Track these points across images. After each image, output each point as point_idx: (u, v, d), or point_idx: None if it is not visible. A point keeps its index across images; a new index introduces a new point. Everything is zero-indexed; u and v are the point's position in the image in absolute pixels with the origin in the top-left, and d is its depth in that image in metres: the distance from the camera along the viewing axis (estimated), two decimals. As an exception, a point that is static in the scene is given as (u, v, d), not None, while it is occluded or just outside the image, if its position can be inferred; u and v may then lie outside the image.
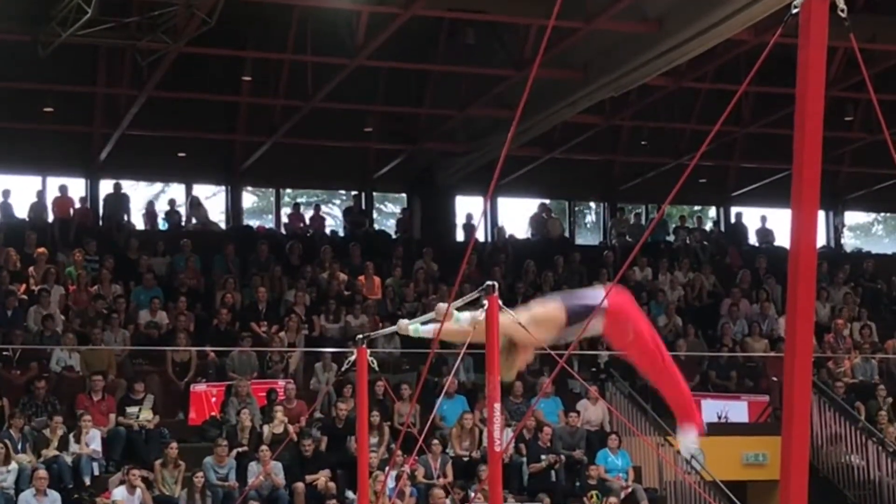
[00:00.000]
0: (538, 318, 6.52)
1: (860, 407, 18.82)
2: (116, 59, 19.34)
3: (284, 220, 23.52)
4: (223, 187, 23.48)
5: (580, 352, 18.65)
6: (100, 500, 14.63)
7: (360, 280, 19.92)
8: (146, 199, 23.37)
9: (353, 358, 8.82)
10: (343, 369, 9.52)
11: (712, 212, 26.84)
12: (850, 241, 27.90)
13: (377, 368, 9.00)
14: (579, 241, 25.37)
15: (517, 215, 24.76)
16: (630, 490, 16.57)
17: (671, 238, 24.32)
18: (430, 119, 21.84)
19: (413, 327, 7.07)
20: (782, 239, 24.43)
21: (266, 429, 15.92)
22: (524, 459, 16.65)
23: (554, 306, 6.59)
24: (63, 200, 21.22)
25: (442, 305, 6.44)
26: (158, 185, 24.62)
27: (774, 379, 19.08)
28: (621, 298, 6.70)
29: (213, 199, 23.72)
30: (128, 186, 22.45)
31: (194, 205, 22.63)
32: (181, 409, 17.18)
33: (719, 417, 18.95)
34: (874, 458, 17.87)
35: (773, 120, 21.48)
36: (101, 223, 21.70)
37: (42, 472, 14.35)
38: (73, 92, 20.56)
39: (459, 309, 6.43)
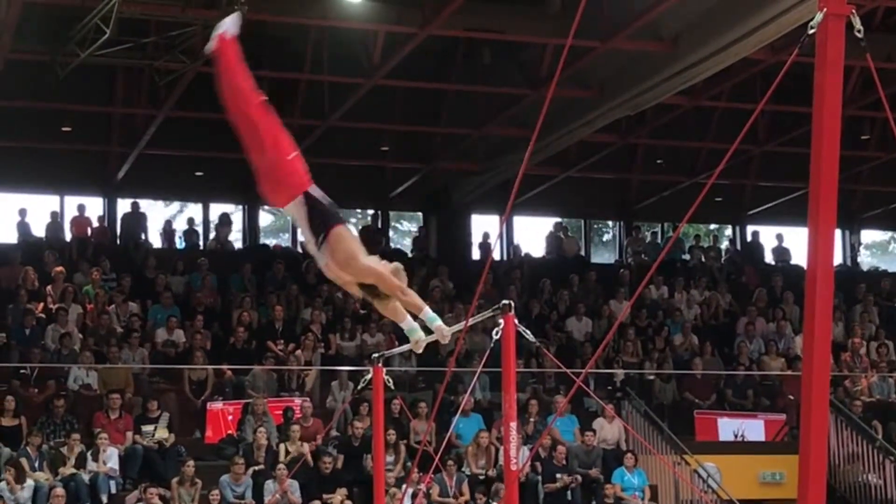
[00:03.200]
0: (351, 250, 6.30)
1: (877, 426, 18.76)
2: (134, 79, 19.42)
3: (300, 238, 23.56)
4: (240, 206, 23.53)
5: (596, 370, 18.65)
6: (117, 519, 14.68)
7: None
8: (164, 218, 23.44)
9: (369, 376, 8.86)
10: (359, 387, 9.55)
11: (728, 230, 26.80)
12: (866, 260, 27.84)
13: (393, 387, 9.02)
14: (595, 259, 25.35)
15: (533, 234, 24.77)
16: (646, 509, 16.54)
17: (687, 257, 24.30)
18: (447, 138, 21.86)
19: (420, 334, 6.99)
20: (799, 257, 24.40)
21: (283, 447, 15.92)
22: (540, 478, 16.63)
23: (335, 232, 6.29)
24: (81, 220, 21.31)
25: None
26: (176, 205, 24.68)
27: (791, 397, 19.03)
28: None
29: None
30: (145, 205, 22.50)
31: (224, 222, 22.66)
32: (198, 427, 17.20)
33: (736, 436, 18.91)
34: (892, 477, 17.80)
35: (790, 138, 21.44)
36: (118, 242, 21.78)
37: (59, 491, 14.39)
38: (90, 112, 20.64)
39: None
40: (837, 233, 22.10)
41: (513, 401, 6.19)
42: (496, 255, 23.47)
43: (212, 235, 22.81)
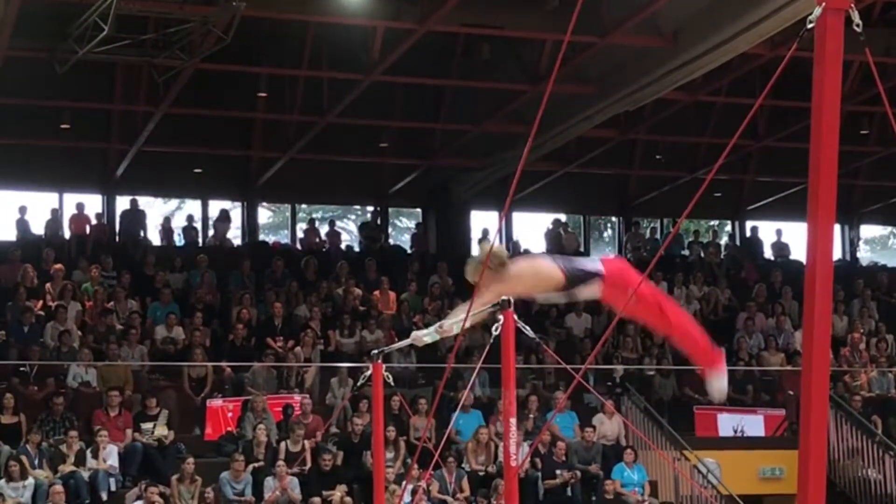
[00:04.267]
0: (538, 270, 6.71)
1: (877, 421, 18.77)
2: (133, 76, 19.42)
3: (300, 235, 23.57)
4: (239, 203, 23.53)
5: (596, 366, 18.66)
6: (117, 516, 14.68)
7: (375, 295, 19.95)
8: (162, 215, 23.44)
9: (368, 373, 8.83)
10: (359, 384, 9.53)
11: (727, 226, 26.80)
12: (865, 255, 27.85)
13: (392, 383, 8.99)
14: (594, 255, 25.35)
15: (532, 230, 24.77)
16: (646, 504, 16.54)
17: (686, 252, 24.30)
18: (446, 134, 21.87)
19: (429, 337, 7.06)
20: (798, 252, 24.41)
21: (283, 445, 15.93)
22: (539, 474, 16.63)
23: (553, 267, 6.70)
24: (79, 218, 21.31)
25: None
26: (175, 202, 24.70)
27: (791, 393, 19.05)
28: (618, 265, 6.89)
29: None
30: (144, 202, 22.52)
31: (222, 218, 22.67)
32: (197, 424, 17.21)
33: (735, 431, 18.92)
34: (891, 472, 17.81)
35: (789, 134, 21.46)
36: (117, 239, 21.79)
37: (59, 488, 14.39)
38: (89, 109, 20.64)
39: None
40: (837, 228, 22.04)
41: (512, 397, 6.17)
42: (496, 252, 23.40)
43: (211, 232, 22.82)
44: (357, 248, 23.26)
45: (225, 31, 15.75)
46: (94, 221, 21.54)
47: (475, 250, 23.56)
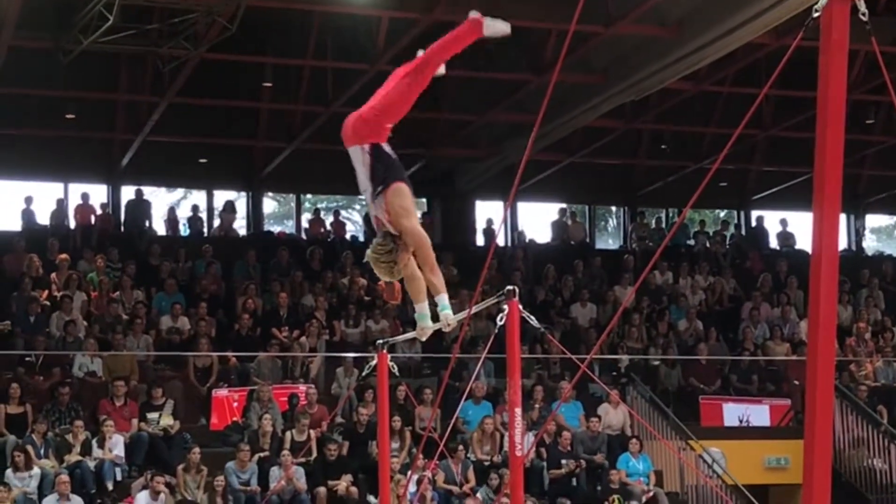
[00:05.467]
0: (407, 207, 6.68)
1: (882, 410, 18.77)
2: (138, 66, 19.41)
3: (305, 225, 23.57)
4: (244, 193, 23.53)
5: (601, 356, 18.66)
6: (122, 505, 14.70)
7: (380, 285, 19.93)
8: (167, 205, 23.46)
9: (373, 363, 8.85)
10: (364, 374, 9.55)
11: (733, 215, 26.77)
12: (871, 244, 27.83)
13: (398, 373, 9.02)
14: (600, 245, 25.36)
15: (537, 219, 24.77)
16: (651, 494, 16.55)
17: (691, 242, 24.30)
18: (450, 124, 21.84)
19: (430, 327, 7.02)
20: (803, 242, 24.39)
21: (288, 434, 15.95)
22: (544, 464, 16.65)
23: (397, 187, 6.69)
24: (84, 208, 21.31)
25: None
26: (180, 192, 24.70)
27: (796, 382, 19.05)
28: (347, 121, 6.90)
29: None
30: (149, 193, 22.53)
31: (228, 209, 22.68)
32: (203, 414, 17.23)
33: (741, 421, 18.92)
34: (897, 461, 17.82)
35: (794, 123, 21.44)
36: (122, 229, 21.80)
37: (65, 478, 14.40)
38: (94, 99, 20.64)
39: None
40: (842, 217, 22.16)
41: (517, 387, 6.18)
42: (500, 241, 23.45)
43: (216, 222, 22.82)
44: (362, 238, 23.25)
45: (230, 20, 15.75)
46: (99, 211, 21.55)
47: (480, 240, 23.56)
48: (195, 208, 22.81)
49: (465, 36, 6.56)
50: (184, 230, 22.39)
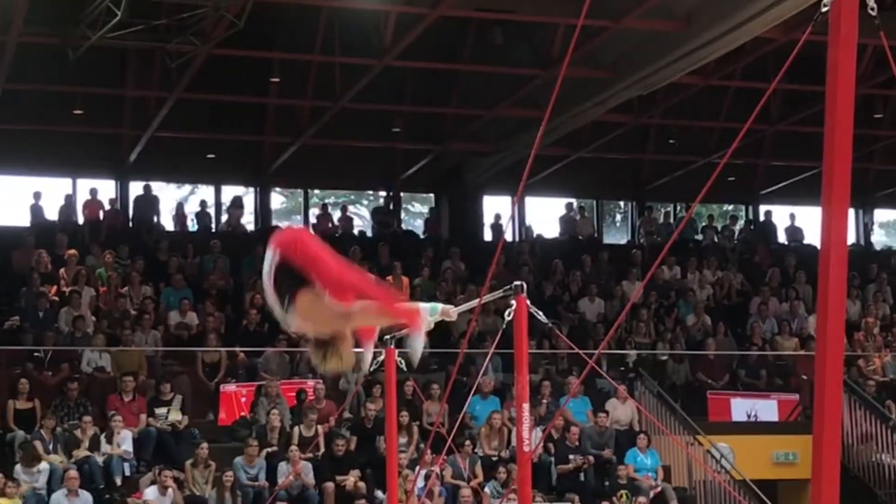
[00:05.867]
0: (313, 313, 5.56)
1: (891, 405, 18.75)
2: (146, 62, 19.41)
3: (313, 220, 23.57)
4: (252, 188, 23.55)
5: (609, 351, 18.65)
6: (131, 501, 14.69)
7: (388, 280, 19.94)
8: (176, 200, 23.47)
9: (381, 358, 8.84)
10: (372, 369, 9.54)
11: (741, 210, 26.75)
12: (879, 239, 27.78)
13: (405, 368, 9.01)
14: (607, 240, 25.33)
15: (544, 214, 24.75)
16: (659, 489, 16.54)
17: (699, 237, 24.27)
18: (458, 119, 21.84)
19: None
20: (812, 237, 24.35)
21: (296, 429, 15.95)
22: (552, 459, 16.64)
23: (301, 301, 5.56)
24: (93, 203, 21.34)
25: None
26: (188, 187, 24.72)
27: (804, 377, 19.02)
28: (289, 234, 5.74)
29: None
30: (157, 188, 22.54)
31: (236, 204, 22.69)
32: (211, 409, 17.25)
33: (749, 416, 18.92)
34: (905, 456, 17.81)
35: (802, 118, 21.39)
36: (130, 225, 21.82)
37: (73, 473, 14.43)
38: (102, 94, 20.65)
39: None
40: (851, 212, 22.06)
41: (525, 382, 6.18)
42: (508, 236, 23.44)
43: (224, 218, 22.83)
44: (370, 234, 23.26)
45: (237, 16, 15.75)
46: (107, 207, 21.57)
47: (488, 235, 23.55)
48: (203, 203, 22.82)
49: (397, 316, 5.95)
50: (192, 225, 22.41)
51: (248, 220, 23.24)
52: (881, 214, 28.04)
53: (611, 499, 16.17)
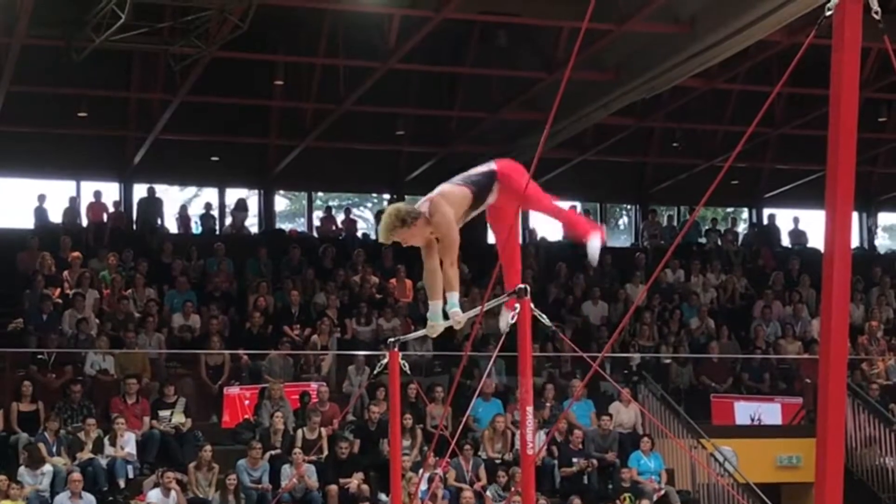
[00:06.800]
0: (452, 199, 6.93)
1: (894, 409, 18.73)
2: (150, 64, 19.44)
3: (316, 223, 23.58)
4: (256, 191, 23.56)
5: (612, 354, 18.64)
6: (134, 503, 14.72)
7: (391, 283, 19.95)
8: (179, 203, 23.48)
9: (385, 361, 8.84)
10: (375, 372, 9.55)
11: (744, 213, 26.75)
12: (883, 243, 27.77)
13: (409, 371, 9.02)
14: (611, 243, 25.31)
15: (549, 218, 24.70)
16: (663, 492, 16.54)
17: (703, 240, 24.27)
18: (462, 122, 21.84)
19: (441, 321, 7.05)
20: (815, 240, 24.34)
21: (300, 432, 15.96)
22: (556, 462, 16.64)
23: (461, 188, 7.01)
24: (97, 206, 21.36)
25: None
26: (191, 189, 24.73)
27: (808, 381, 19.01)
28: (507, 162, 7.21)
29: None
30: (161, 190, 22.56)
31: (239, 207, 22.71)
32: (215, 412, 17.26)
33: (752, 419, 18.91)
34: (909, 460, 17.79)
35: (806, 121, 21.39)
36: (134, 227, 21.84)
37: (77, 475, 14.44)
38: (106, 97, 20.67)
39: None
40: (854, 215, 22.09)
41: (529, 385, 6.17)
42: (512, 239, 23.38)
43: (228, 220, 22.84)
44: (374, 236, 23.26)
45: (241, 18, 15.76)
46: (111, 209, 21.59)
47: (491, 238, 23.55)
48: (207, 206, 22.84)
49: (584, 226, 7.37)
50: (196, 228, 22.42)
51: (251, 223, 23.26)
52: (885, 218, 28.03)
53: (614, 502, 16.17)
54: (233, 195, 23.22)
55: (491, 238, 23.51)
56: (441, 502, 15.39)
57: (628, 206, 26.66)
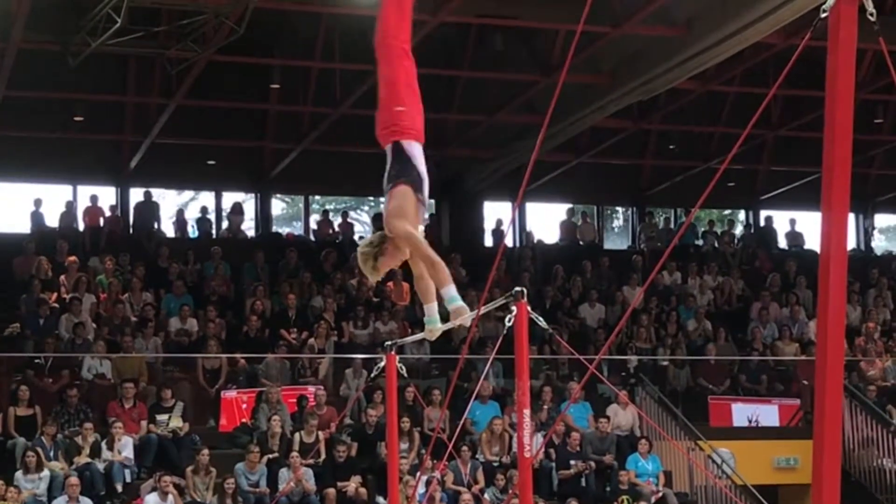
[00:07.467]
0: (393, 211, 6.54)
1: (892, 410, 18.75)
2: (146, 68, 19.44)
3: (313, 226, 23.58)
4: (252, 195, 23.55)
5: (609, 357, 18.65)
6: (132, 507, 14.73)
7: (388, 286, 19.95)
8: (176, 206, 23.48)
9: (382, 364, 8.84)
10: (373, 375, 9.54)
11: (741, 215, 26.77)
12: (880, 244, 27.79)
13: (406, 374, 9.01)
14: (608, 245, 25.33)
15: (545, 220, 24.75)
16: (661, 495, 16.53)
17: (700, 242, 24.28)
18: (459, 125, 21.85)
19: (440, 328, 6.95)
20: (812, 242, 24.36)
21: (297, 436, 15.96)
22: (553, 464, 16.64)
23: (404, 189, 6.65)
24: (93, 210, 21.35)
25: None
26: (188, 193, 24.72)
27: (805, 382, 19.01)
28: (379, 125, 7.32)
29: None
30: (158, 194, 22.54)
31: (235, 211, 22.71)
32: (212, 415, 17.25)
33: (750, 421, 18.90)
34: (906, 461, 17.80)
35: (802, 123, 21.42)
36: (131, 231, 21.83)
37: (74, 480, 14.43)
38: (103, 101, 20.67)
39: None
40: (851, 217, 22.12)
41: (526, 388, 6.16)
42: (509, 242, 23.45)
43: (224, 224, 22.85)
44: (371, 239, 23.23)
45: (238, 22, 15.76)
46: (108, 213, 21.58)
47: (488, 240, 23.56)
48: (204, 210, 22.83)
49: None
50: (192, 232, 22.41)
51: (248, 227, 23.26)
52: (881, 219, 28.06)
53: (612, 504, 16.18)
54: (229, 199, 23.21)
55: (488, 241, 23.69)
56: (439, 505, 15.40)
57: (625, 209, 26.67)
